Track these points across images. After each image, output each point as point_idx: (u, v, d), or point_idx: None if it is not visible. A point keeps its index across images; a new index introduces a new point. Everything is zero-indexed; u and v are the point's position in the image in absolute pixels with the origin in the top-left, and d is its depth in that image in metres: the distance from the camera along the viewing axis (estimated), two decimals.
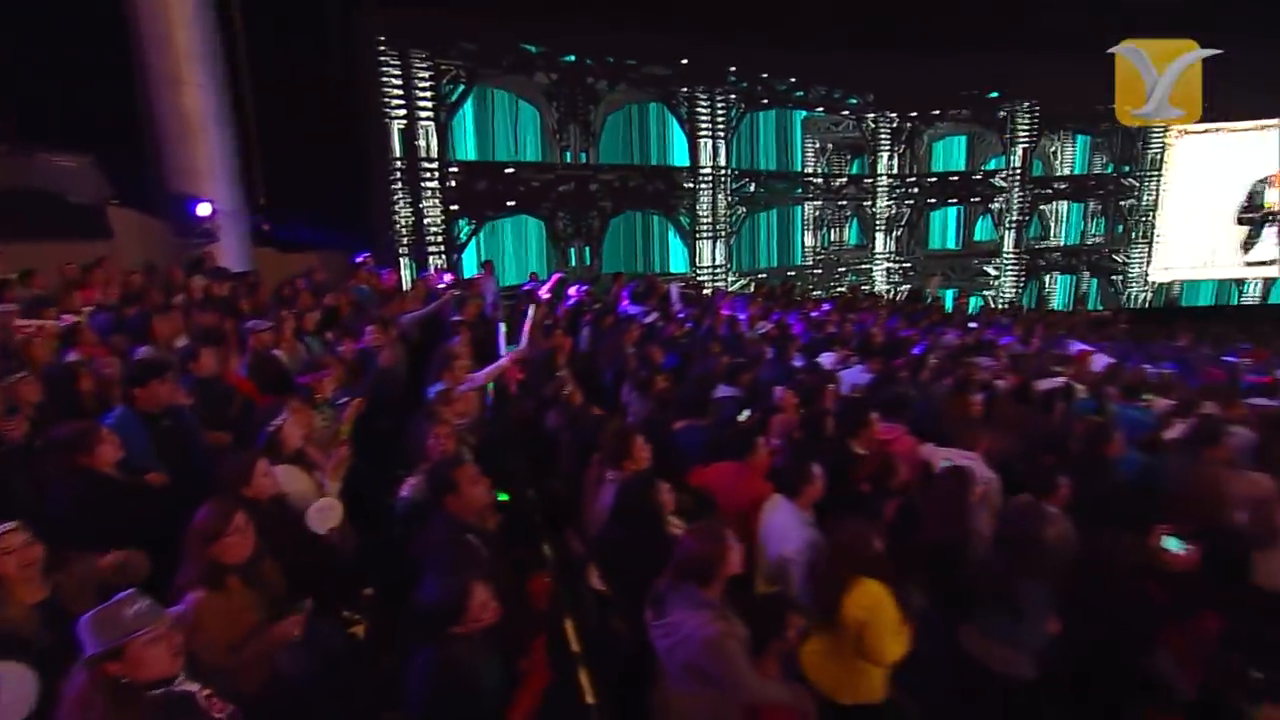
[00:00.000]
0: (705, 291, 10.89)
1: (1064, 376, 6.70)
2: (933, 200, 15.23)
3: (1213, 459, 4.04)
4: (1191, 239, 16.11)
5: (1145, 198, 15.87)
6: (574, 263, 12.89)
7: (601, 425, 3.99)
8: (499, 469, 4.03)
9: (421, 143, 11.54)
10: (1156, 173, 15.68)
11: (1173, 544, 3.24)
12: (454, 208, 11.95)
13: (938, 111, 14.81)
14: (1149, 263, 16.21)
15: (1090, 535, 3.42)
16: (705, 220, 13.33)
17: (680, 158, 13.49)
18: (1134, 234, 16.10)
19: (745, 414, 4.41)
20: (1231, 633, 3.71)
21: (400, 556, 2.78)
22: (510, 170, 12.47)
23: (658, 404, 4.92)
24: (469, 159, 12.36)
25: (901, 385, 5.75)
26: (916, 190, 14.84)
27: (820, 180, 14.78)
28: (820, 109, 14.53)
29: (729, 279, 13.54)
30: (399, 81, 11.15)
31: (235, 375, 4.41)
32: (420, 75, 11.32)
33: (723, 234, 13.40)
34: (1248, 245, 16.08)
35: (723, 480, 3.65)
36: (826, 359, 6.29)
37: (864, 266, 14.99)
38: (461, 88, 11.85)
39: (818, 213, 15.07)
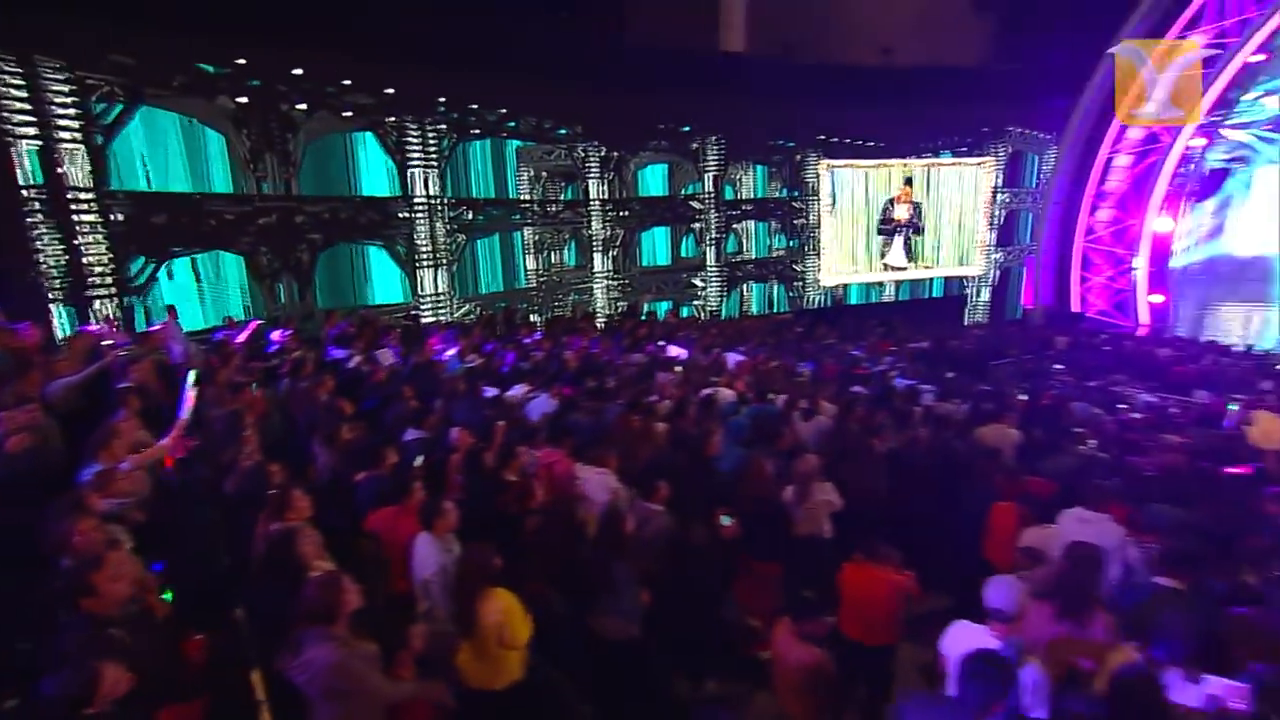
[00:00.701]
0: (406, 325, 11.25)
1: (718, 385, 8.48)
2: (643, 222, 17.32)
3: (773, 449, 5.75)
4: (847, 249, 20.38)
5: (810, 216, 19.70)
6: (283, 300, 12.43)
7: (264, 481, 4.39)
8: (180, 540, 4.21)
9: (69, 169, 10.28)
10: (815, 196, 19.57)
11: (725, 520, 4.67)
12: (130, 246, 10.84)
13: (639, 142, 16.88)
14: (819, 270, 20.15)
15: (678, 521, 4.73)
16: (425, 249, 13.71)
17: (391, 187, 13.72)
18: (806, 247, 19.89)
19: (419, 460, 5.09)
20: (788, 573, 5.33)
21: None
22: (197, 201, 11.65)
23: (342, 455, 5.40)
24: (140, 189, 11.30)
25: (581, 411, 6.91)
26: (627, 213, 16.76)
27: (537, 206, 16.00)
28: (532, 139, 15.75)
29: (453, 306, 14.07)
30: (23, 94, 9.79)
31: None
32: (56, 90, 10.06)
33: (444, 262, 13.90)
34: (884, 253, 20.81)
35: (386, 523, 4.32)
36: (516, 390, 7.25)
37: (585, 285, 16.54)
38: (120, 107, 10.78)
39: (537, 237, 16.30)
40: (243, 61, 11.68)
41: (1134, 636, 3.17)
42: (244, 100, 11.81)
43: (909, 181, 20.01)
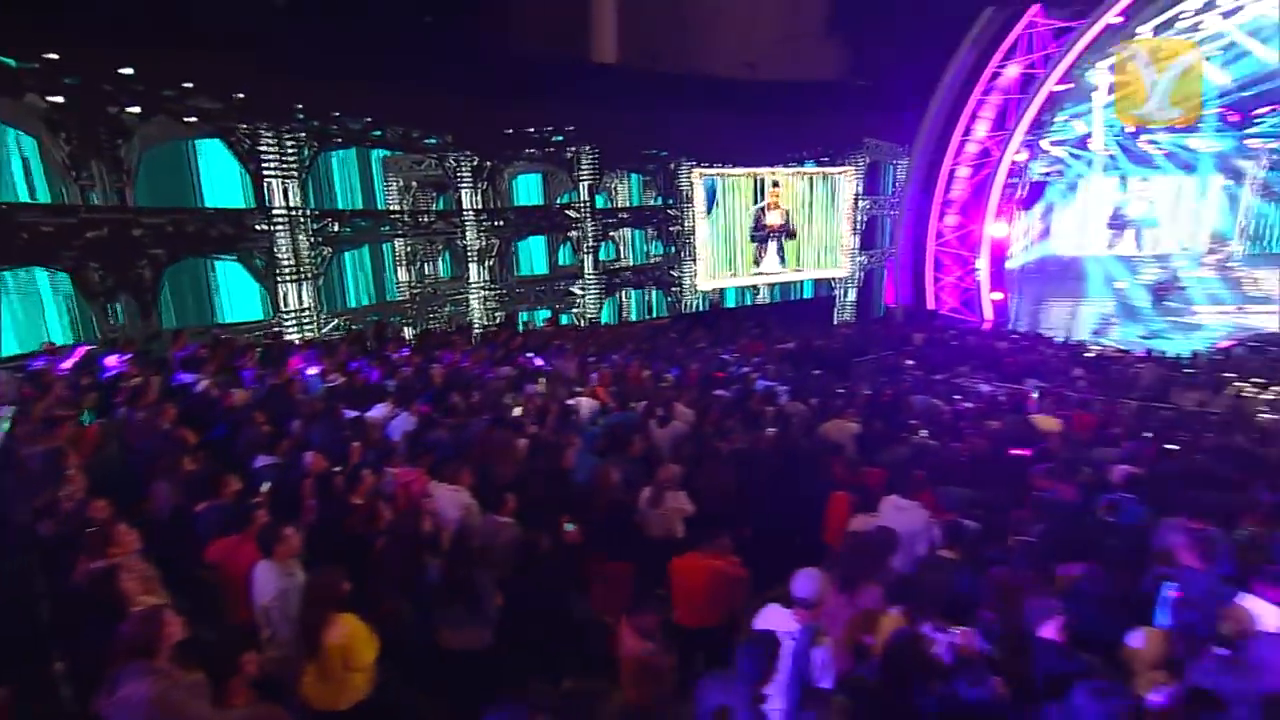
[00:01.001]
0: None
1: (583, 396, 8.82)
2: (518, 232, 17.45)
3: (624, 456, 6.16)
4: (722, 254, 21.37)
5: (686, 223, 20.51)
6: (121, 321, 11.59)
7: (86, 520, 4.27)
8: None
9: None
10: (689, 203, 20.40)
11: (569, 527, 4.99)
12: None
13: (512, 151, 17.01)
14: (695, 275, 21.01)
15: (526, 532, 5.00)
16: (287, 263, 13.20)
17: (245, 198, 13.11)
18: (682, 253, 20.69)
19: (266, 486, 5.08)
20: (640, 573, 5.71)
21: None
22: (3, 212, 10.66)
23: (182, 487, 5.27)
24: None
25: (442, 427, 7.02)
26: (502, 223, 16.84)
27: (408, 217, 15.78)
28: (400, 149, 15.52)
29: (320, 322, 13.63)
30: None
31: None
32: None
33: (308, 276, 13.44)
34: (759, 259, 21.99)
35: (226, 553, 4.32)
36: (378, 410, 7.26)
37: (461, 296, 16.48)
38: None
39: (409, 248, 16.07)
40: (54, 56, 10.79)
41: (905, 601, 3.77)
42: (59, 100, 10.90)
43: (775, 185, 21.24)
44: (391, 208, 15.88)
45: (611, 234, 19.80)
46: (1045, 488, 5.77)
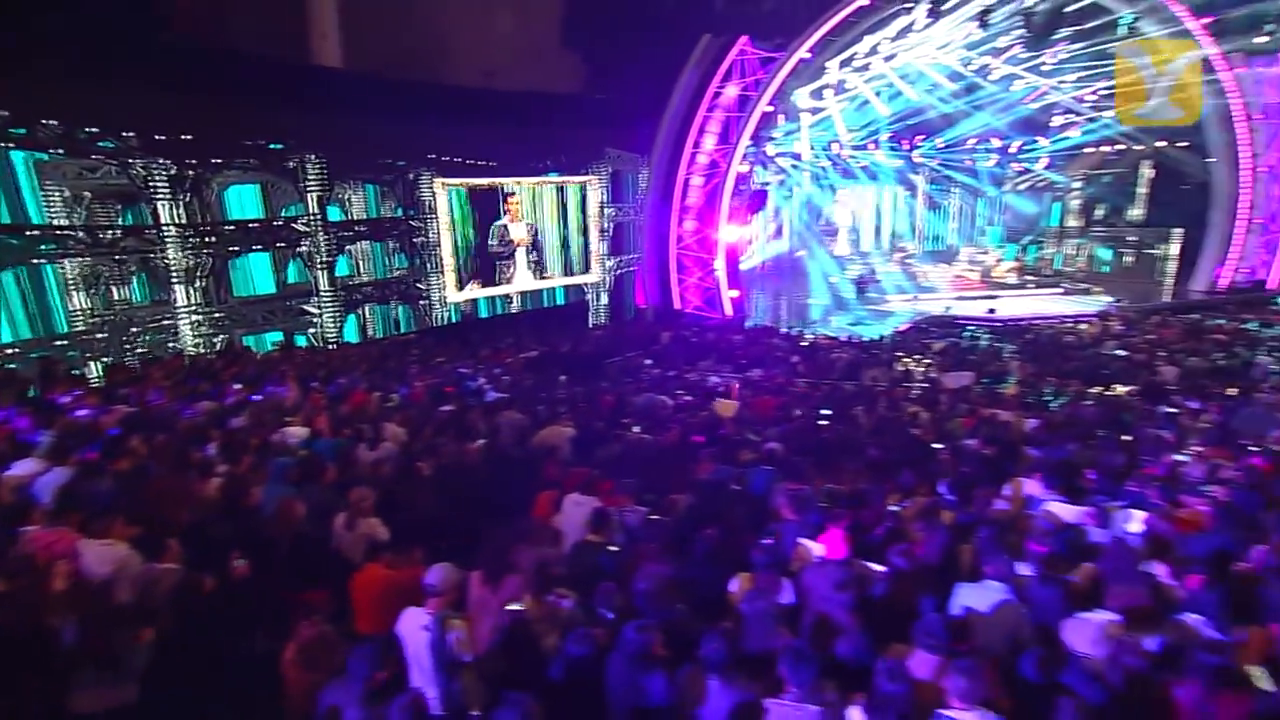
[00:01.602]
0: None
1: (295, 425, 8.60)
2: (236, 248, 16.12)
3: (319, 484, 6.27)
4: (470, 265, 21.51)
5: (430, 235, 20.35)
6: None
7: None
8: None
9: None
10: (433, 214, 20.28)
11: (238, 562, 5.04)
12: None
13: (220, 160, 15.68)
14: (445, 288, 20.93)
15: (187, 575, 4.94)
16: None
17: None
18: (428, 265, 20.50)
19: None
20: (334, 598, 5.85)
21: None
22: None
23: None
24: None
25: (106, 476, 6.49)
26: (214, 239, 15.46)
27: (83, 234, 13.82)
28: (60, 150, 13.47)
29: None
30: None
31: None
32: None
33: None
34: (510, 272, 22.45)
35: None
36: (20, 467, 6.49)
37: (166, 323, 14.84)
38: None
39: (89, 270, 14.07)
40: None
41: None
42: None
43: (511, 195, 21.80)
44: (54, 222, 13.62)
45: (348, 247, 19.05)
46: (703, 469, 6.93)
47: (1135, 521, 5.47)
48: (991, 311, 26.34)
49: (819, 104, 26.96)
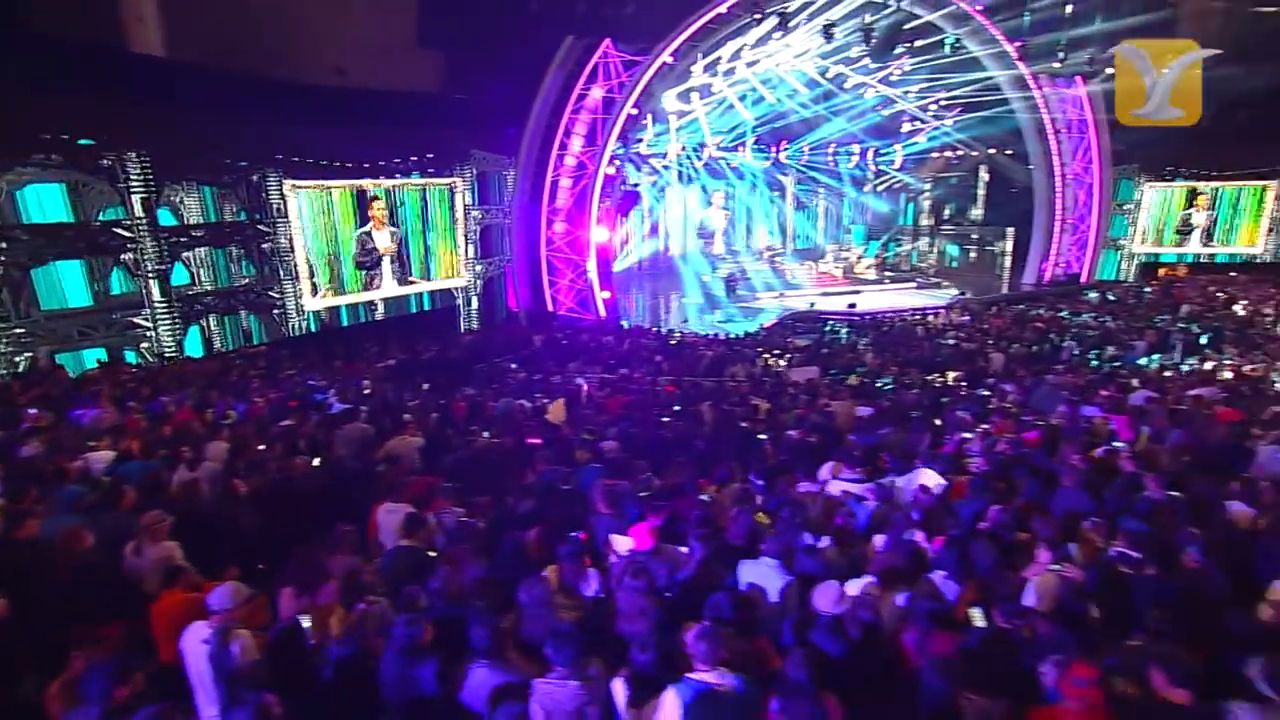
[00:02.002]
0: None
1: (101, 450, 8.11)
2: (36, 256, 14.70)
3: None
4: (328, 271, 20.70)
5: (281, 240, 19.41)
6: None
7: None
8: None
9: None
10: (285, 219, 19.36)
11: None
12: None
13: (11, 156, 14.27)
14: (301, 296, 20.03)
15: None
16: None
17: None
18: (281, 272, 19.55)
19: None
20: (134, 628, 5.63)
21: None
22: None
23: None
24: None
25: None
26: (6, 244, 14.05)
27: None
28: None
29: None
30: None
31: None
32: None
33: None
34: (375, 282, 21.76)
35: None
36: None
37: None
38: None
39: None
40: None
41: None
42: None
43: (376, 199, 21.23)
44: None
45: (184, 254, 17.87)
46: (535, 470, 7.18)
47: (907, 494, 6.25)
48: (852, 306, 28.24)
49: (686, 107, 28.00)
